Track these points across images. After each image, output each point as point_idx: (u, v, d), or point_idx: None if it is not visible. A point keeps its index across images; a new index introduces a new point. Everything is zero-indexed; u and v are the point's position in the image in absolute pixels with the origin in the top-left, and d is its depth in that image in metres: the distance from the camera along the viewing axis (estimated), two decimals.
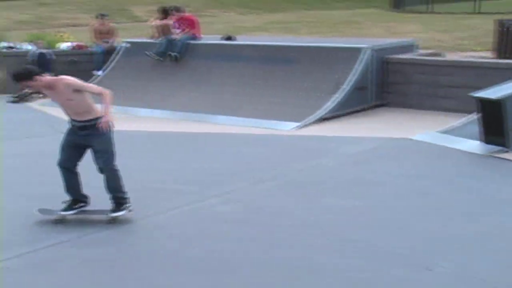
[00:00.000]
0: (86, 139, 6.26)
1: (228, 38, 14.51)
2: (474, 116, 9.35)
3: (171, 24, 14.29)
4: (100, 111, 6.23)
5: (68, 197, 6.47)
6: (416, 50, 13.37)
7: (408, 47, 13.24)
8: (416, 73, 12.12)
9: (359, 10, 26.69)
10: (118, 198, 6.38)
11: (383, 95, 12.36)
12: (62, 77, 6.27)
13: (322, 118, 11.08)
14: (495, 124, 8.81)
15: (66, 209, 6.42)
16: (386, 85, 12.35)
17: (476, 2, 29.92)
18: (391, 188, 7.40)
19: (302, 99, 11.56)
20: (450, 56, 14.46)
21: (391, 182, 7.63)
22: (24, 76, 6.22)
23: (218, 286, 4.97)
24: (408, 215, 6.47)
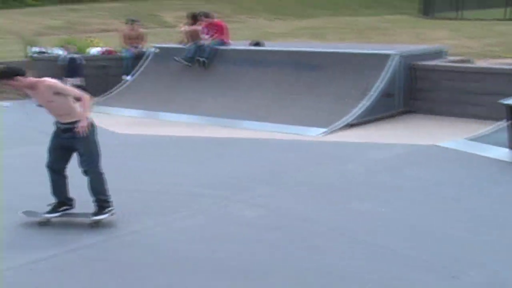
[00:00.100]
0: (70, 142, 6.32)
1: (256, 44, 14.59)
2: (504, 123, 9.24)
3: (200, 29, 14.39)
4: (88, 113, 6.30)
5: (54, 199, 6.55)
6: (445, 56, 13.27)
7: (437, 54, 13.15)
8: (445, 79, 12.04)
9: (387, 16, 26.58)
10: (101, 201, 6.41)
11: (410, 101, 12.29)
12: (44, 79, 6.35)
13: (349, 124, 11.05)
14: None
15: (50, 211, 6.52)
16: (414, 91, 12.27)
17: (506, 8, 29.62)
18: (418, 195, 7.36)
19: (329, 105, 11.54)
20: (479, 63, 14.34)
21: (418, 189, 7.59)
22: (4, 75, 6.24)
23: None
24: (435, 222, 6.43)
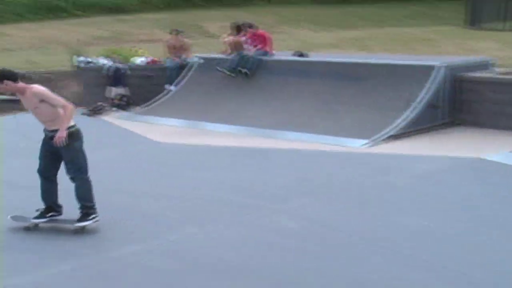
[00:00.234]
0: (56, 149, 6.46)
1: (299, 55, 14.58)
2: None
3: (244, 40, 14.46)
4: (71, 123, 6.45)
5: (42, 205, 6.71)
6: (492, 68, 13.04)
7: (483, 65, 12.92)
8: (491, 91, 11.82)
9: (433, 27, 26.23)
10: (86, 208, 6.57)
11: (455, 113, 12.11)
12: (32, 85, 6.50)
13: (392, 136, 10.95)
14: None
15: (38, 217, 6.71)
16: (459, 103, 12.09)
17: None
18: (463, 209, 7.25)
19: (372, 116, 11.46)
20: None
21: (463, 203, 7.47)
22: None
23: None
24: (480, 237, 6.32)
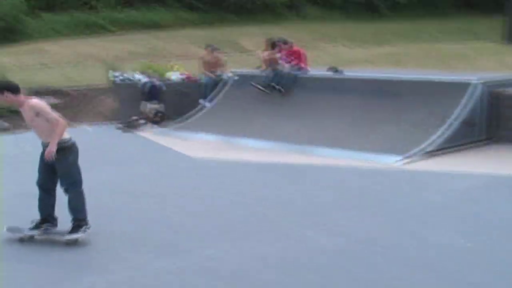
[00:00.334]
0: (51, 162, 6.56)
1: (334, 71, 14.56)
2: None
3: (279, 56, 14.50)
4: (63, 137, 6.56)
5: (38, 216, 6.84)
6: None
7: None
8: None
9: (470, 43, 25.98)
10: (78, 220, 6.68)
11: (492, 130, 11.94)
12: (30, 99, 6.64)
13: (428, 152, 10.84)
14: None
15: (33, 228, 6.82)
16: (497, 120, 11.93)
17: None
18: (501, 228, 7.09)
19: (407, 133, 11.37)
20: None
21: (501, 222, 7.32)
22: None
23: None
24: None
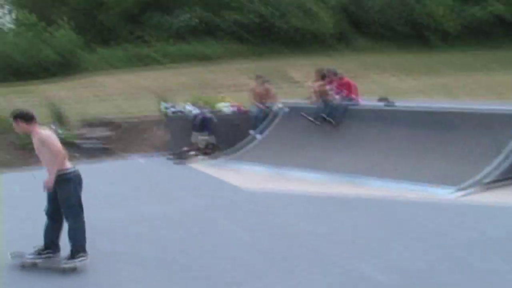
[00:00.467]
0: (54, 191, 6.85)
1: (385, 101, 14.43)
2: None
3: (329, 87, 14.45)
4: (66, 167, 6.86)
5: (42, 241, 7.07)
6: None
7: None
8: None
9: None
10: (77, 247, 6.89)
11: None
12: (39, 129, 6.93)
13: (483, 184, 10.57)
14: None
15: (35, 254, 7.08)
16: None
17: None
18: None
19: (459, 164, 11.14)
20: None
21: None
22: (12, 115, 6.97)
23: None
24: None
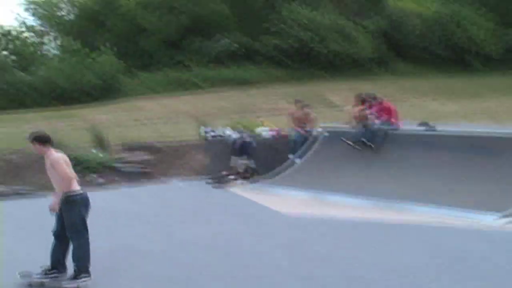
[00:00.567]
0: (61, 211, 7.09)
1: (426, 126, 14.23)
2: None
3: (368, 112, 14.36)
4: (73, 189, 7.07)
5: (49, 262, 7.25)
6: None
7: None
8: None
9: None
10: (79, 267, 7.06)
11: None
12: (52, 152, 7.14)
13: None
14: None
15: (42, 273, 7.23)
16: None
17: None
18: None
19: (504, 190, 10.89)
20: None
21: None
22: (30, 136, 7.23)
23: None
24: None
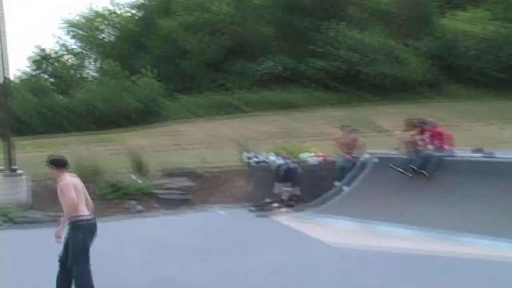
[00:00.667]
0: (67, 237, 7.30)
1: (481, 153, 13.60)
2: None
3: (419, 138, 13.76)
4: (80, 214, 7.21)
5: None
6: None
7: None
8: None
9: None
10: None
11: None
12: (64, 177, 7.30)
13: None
14: None
15: None
16: None
17: None
18: None
19: None
20: None
21: None
22: (47, 160, 7.43)
23: None
24: None
